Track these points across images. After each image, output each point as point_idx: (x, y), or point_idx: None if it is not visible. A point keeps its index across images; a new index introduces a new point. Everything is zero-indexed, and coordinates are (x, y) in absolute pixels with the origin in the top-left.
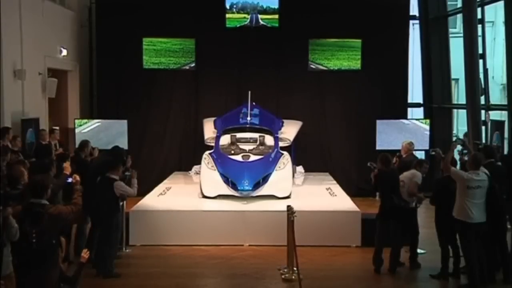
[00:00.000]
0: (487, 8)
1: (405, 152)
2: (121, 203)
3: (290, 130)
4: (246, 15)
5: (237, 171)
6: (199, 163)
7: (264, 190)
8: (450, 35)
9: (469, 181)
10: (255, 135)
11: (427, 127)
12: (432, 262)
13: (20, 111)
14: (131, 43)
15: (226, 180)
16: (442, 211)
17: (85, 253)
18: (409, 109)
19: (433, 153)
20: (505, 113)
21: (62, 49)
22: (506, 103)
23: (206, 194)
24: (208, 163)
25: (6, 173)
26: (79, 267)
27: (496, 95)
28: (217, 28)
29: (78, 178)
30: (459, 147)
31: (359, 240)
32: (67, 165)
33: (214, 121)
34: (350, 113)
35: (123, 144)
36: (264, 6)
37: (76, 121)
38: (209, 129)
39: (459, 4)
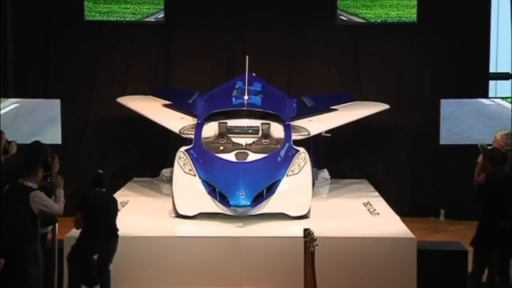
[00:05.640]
0: None
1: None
2: (47, 228)
3: (345, 117)
4: None
5: (228, 177)
6: (170, 165)
7: (269, 206)
8: None
9: None
10: (256, 122)
11: None
12: None
13: None
14: None
15: (212, 191)
16: None
17: None
18: (492, 83)
19: None
20: None
21: None
22: None
23: (181, 212)
24: (184, 165)
25: None
26: None
27: None
28: None
29: None
30: None
31: (414, 283)
32: None
33: (194, 101)
34: (399, 89)
35: (55, 135)
36: None
37: None
38: (162, 114)
39: None
